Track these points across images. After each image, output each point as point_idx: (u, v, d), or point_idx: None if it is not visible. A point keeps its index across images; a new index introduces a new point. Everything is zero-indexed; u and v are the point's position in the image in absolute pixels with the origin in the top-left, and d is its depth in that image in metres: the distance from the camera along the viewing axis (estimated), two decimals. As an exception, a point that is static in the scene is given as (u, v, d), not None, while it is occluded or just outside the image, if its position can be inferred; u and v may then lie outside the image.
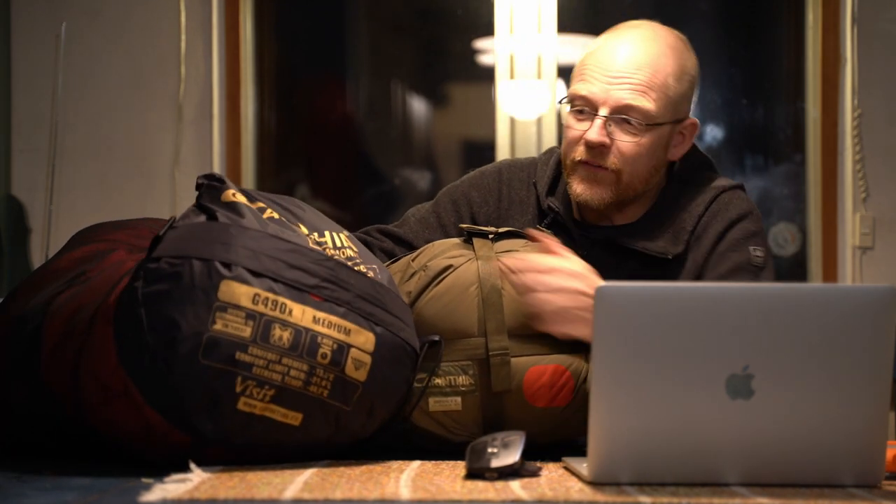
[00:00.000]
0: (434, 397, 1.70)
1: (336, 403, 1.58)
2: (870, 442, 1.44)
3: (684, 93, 1.96)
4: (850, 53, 3.93)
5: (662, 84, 1.92)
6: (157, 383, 1.51)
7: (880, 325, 1.41)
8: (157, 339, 1.50)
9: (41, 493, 1.38)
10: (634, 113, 1.91)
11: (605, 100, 1.91)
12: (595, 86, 1.92)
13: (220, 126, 4.01)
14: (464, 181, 2.11)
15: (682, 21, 4.22)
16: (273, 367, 1.53)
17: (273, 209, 1.66)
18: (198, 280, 1.52)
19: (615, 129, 1.92)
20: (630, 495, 1.37)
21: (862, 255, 3.94)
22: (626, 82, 1.91)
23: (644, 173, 1.95)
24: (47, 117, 3.86)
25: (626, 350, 1.41)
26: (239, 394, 1.52)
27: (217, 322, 1.51)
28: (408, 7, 4.38)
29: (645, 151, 1.93)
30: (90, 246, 1.77)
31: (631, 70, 1.92)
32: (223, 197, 1.63)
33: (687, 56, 1.98)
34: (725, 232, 1.94)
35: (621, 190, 1.94)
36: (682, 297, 1.42)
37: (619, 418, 1.42)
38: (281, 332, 1.54)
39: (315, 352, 1.55)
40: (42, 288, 1.70)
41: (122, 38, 4.01)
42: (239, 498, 1.32)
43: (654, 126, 1.92)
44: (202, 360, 1.50)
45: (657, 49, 1.94)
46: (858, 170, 3.93)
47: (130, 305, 1.52)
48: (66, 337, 1.59)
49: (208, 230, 1.57)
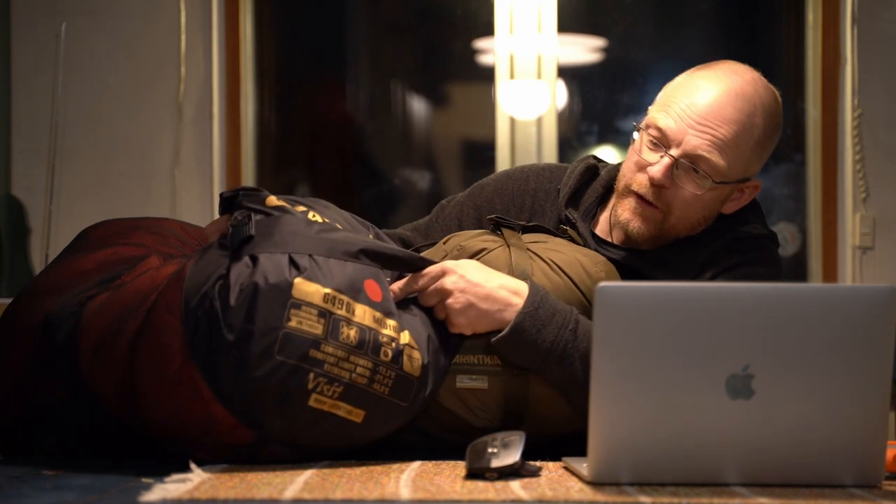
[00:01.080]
0: (461, 374, 1.71)
1: (395, 400, 1.62)
2: (870, 442, 1.44)
3: (761, 155, 1.90)
4: (850, 53, 3.92)
5: (743, 146, 1.85)
6: (230, 379, 1.53)
7: (880, 325, 1.41)
8: (233, 334, 1.52)
9: (41, 493, 1.38)
10: (704, 165, 1.84)
11: (680, 140, 1.85)
12: (675, 122, 1.85)
13: (220, 126, 4.01)
14: (490, 184, 2.09)
15: (683, 21, 4.22)
16: (342, 364, 1.56)
17: (314, 211, 1.71)
18: (272, 277, 1.55)
19: (680, 174, 1.86)
20: (630, 495, 1.37)
21: (862, 255, 3.94)
22: (708, 132, 1.84)
23: (693, 222, 1.91)
24: (47, 117, 3.86)
25: (626, 350, 1.41)
26: (311, 391, 1.55)
27: (292, 319, 1.54)
28: (408, 7, 4.38)
29: (701, 205, 1.88)
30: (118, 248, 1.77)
31: (716, 121, 1.84)
32: (267, 202, 1.67)
33: (776, 118, 1.90)
34: (731, 268, 1.88)
35: (665, 230, 1.91)
36: (682, 297, 1.42)
37: (619, 418, 1.42)
38: (348, 331, 1.57)
39: (378, 350, 1.59)
40: (66, 289, 1.70)
41: (122, 38, 4.01)
42: (239, 498, 1.32)
43: (720, 184, 1.86)
44: (277, 357, 1.53)
45: (749, 108, 1.85)
46: (858, 170, 3.93)
47: (205, 301, 1.54)
48: (110, 339, 1.59)
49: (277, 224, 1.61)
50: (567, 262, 1.78)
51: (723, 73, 1.88)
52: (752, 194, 1.94)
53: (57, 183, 3.83)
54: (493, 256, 1.78)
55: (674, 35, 4.27)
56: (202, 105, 4.00)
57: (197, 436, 1.54)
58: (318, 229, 1.64)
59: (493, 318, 1.69)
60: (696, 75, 1.89)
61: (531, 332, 1.68)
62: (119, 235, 1.81)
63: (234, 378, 1.53)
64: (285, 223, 1.62)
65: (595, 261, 1.82)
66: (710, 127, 1.84)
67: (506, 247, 1.80)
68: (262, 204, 1.66)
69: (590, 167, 2.04)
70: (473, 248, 1.80)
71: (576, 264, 1.78)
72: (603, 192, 2.03)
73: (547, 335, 1.68)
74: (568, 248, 1.83)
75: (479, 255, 1.79)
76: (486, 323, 1.70)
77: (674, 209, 1.88)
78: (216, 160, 3.99)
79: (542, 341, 1.68)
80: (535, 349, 1.68)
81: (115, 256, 1.75)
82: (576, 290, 1.75)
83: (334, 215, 1.76)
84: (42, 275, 1.79)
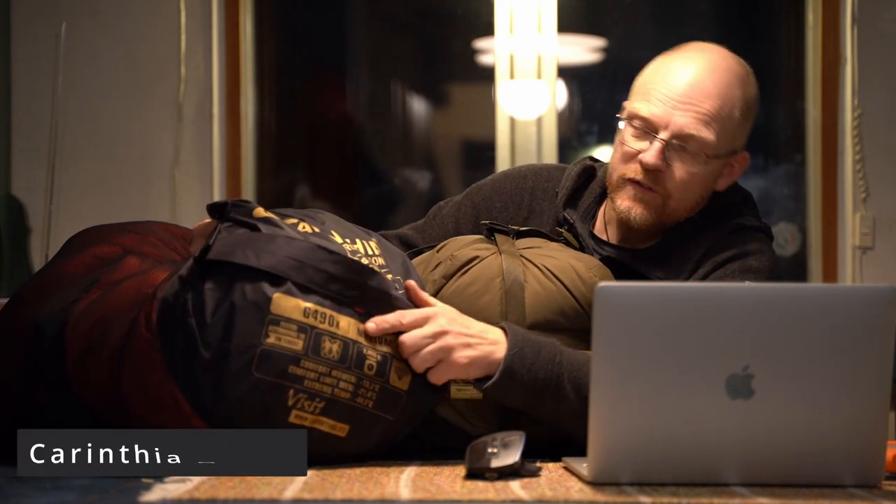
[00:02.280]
0: (456, 384, 1.69)
1: (381, 414, 1.59)
2: (870, 442, 1.44)
3: (744, 126, 1.92)
4: (850, 53, 3.92)
5: (727, 116, 1.88)
6: (208, 396, 1.51)
7: (880, 325, 1.41)
8: (210, 352, 1.51)
9: (41, 493, 1.38)
10: (694, 142, 1.87)
11: (666, 123, 1.87)
12: (658, 108, 1.87)
13: (220, 126, 4.01)
14: (488, 183, 2.09)
15: (682, 21, 4.22)
16: (324, 379, 1.54)
17: (305, 222, 1.66)
18: (249, 293, 1.52)
19: (672, 155, 1.88)
20: (630, 495, 1.37)
21: (862, 255, 3.94)
22: (692, 110, 1.86)
23: (691, 202, 1.93)
24: (47, 117, 3.86)
25: (626, 350, 1.41)
26: (290, 407, 1.53)
27: (270, 336, 1.52)
28: (408, 7, 4.38)
29: (697, 181, 1.90)
30: (98, 248, 1.77)
31: (698, 98, 1.86)
32: (255, 213, 1.63)
33: (752, 88, 1.93)
34: (724, 263, 1.89)
35: (666, 214, 1.92)
36: (682, 297, 1.42)
37: (619, 418, 1.42)
38: (331, 345, 1.55)
39: (362, 363, 1.57)
40: (53, 293, 1.69)
41: (122, 38, 4.01)
42: (239, 498, 1.32)
43: (711, 158, 1.89)
44: (255, 374, 1.51)
45: (727, 79, 1.88)
46: (858, 170, 3.93)
47: (180, 318, 1.52)
48: (96, 346, 1.58)
49: (254, 239, 1.57)
50: (560, 268, 1.77)
51: (693, 52, 1.92)
52: (742, 167, 1.96)
53: (57, 183, 3.83)
54: (486, 264, 1.77)
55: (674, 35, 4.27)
56: (202, 105, 4.00)
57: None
58: (309, 245, 1.58)
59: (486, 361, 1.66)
60: (668, 59, 1.93)
61: (522, 372, 1.65)
62: (101, 238, 1.81)
63: (213, 395, 1.51)
64: (266, 239, 1.58)
65: (590, 265, 1.81)
66: (694, 104, 1.86)
67: (498, 254, 1.78)
68: (249, 216, 1.62)
69: (587, 168, 2.05)
70: (465, 256, 1.79)
71: (569, 270, 1.78)
72: (601, 192, 2.03)
73: (538, 372, 1.65)
74: (562, 253, 1.83)
75: (472, 264, 1.77)
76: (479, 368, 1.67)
77: (672, 192, 1.90)
78: (216, 160, 3.99)
79: (535, 379, 1.65)
80: (530, 387, 1.65)
81: (95, 259, 1.74)
82: (569, 295, 1.75)
83: (332, 226, 1.71)
84: (31, 280, 1.79)
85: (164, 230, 1.85)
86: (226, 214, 1.63)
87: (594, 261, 1.84)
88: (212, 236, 1.57)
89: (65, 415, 1.62)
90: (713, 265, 1.89)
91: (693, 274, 1.90)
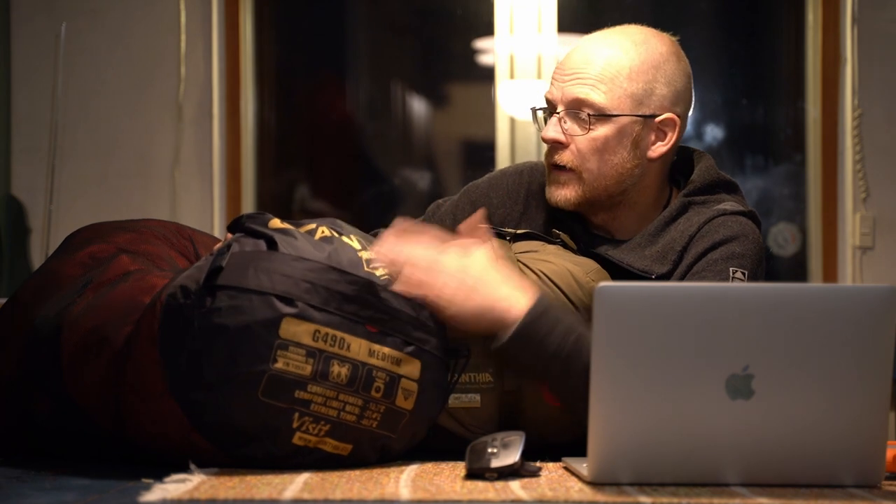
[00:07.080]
0: (455, 394, 1.68)
1: (384, 432, 1.58)
2: (870, 442, 1.44)
3: (650, 87, 1.90)
4: (850, 53, 3.92)
5: (614, 76, 1.89)
6: (211, 416, 1.50)
7: (880, 325, 1.41)
8: (215, 373, 1.49)
9: (41, 493, 1.38)
10: (584, 106, 1.88)
11: (560, 98, 1.91)
12: (554, 87, 1.93)
13: (220, 126, 4.01)
14: (485, 181, 2.09)
15: (682, 21, 4.22)
16: (330, 403, 1.52)
17: (324, 226, 1.64)
18: (259, 315, 1.49)
19: (570, 126, 1.90)
20: (630, 495, 1.37)
21: (862, 255, 3.94)
22: (576, 77, 1.90)
23: (609, 171, 1.90)
24: (47, 117, 3.86)
25: (626, 350, 1.41)
26: (295, 429, 1.52)
27: (278, 360, 1.49)
28: (408, 7, 4.38)
29: (601, 146, 1.89)
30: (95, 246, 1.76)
31: (581, 66, 1.90)
32: (271, 224, 1.60)
33: (656, 50, 1.93)
34: (706, 252, 1.86)
35: (586, 189, 1.91)
36: (682, 297, 1.42)
37: (619, 418, 1.42)
38: (339, 369, 1.52)
39: (370, 386, 1.54)
40: (50, 295, 1.68)
41: (122, 38, 4.01)
42: (239, 498, 1.32)
43: (605, 118, 1.88)
44: (262, 398, 1.49)
45: (615, 43, 1.92)
46: (858, 170, 3.93)
47: (184, 337, 1.50)
48: (91, 353, 1.57)
49: (266, 259, 1.54)
50: (557, 273, 1.77)
51: (595, 32, 1.97)
52: (676, 132, 1.93)
53: (57, 183, 3.83)
54: None
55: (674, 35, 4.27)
56: (202, 105, 4.00)
57: (181, 457, 1.52)
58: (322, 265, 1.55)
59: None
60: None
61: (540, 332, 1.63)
62: (98, 237, 1.80)
63: (215, 416, 1.50)
64: (280, 260, 1.54)
65: (587, 270, 1.80)
66: (577, 71, 1.90)
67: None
68: (265, 226, 1.59)
69: None
70: None
71: (566, 275, 1.77)
72: None
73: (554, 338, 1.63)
74: (559, 257, 1.82)
75: None
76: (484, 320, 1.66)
77: (582, 162, 1.90)
78: (216, 160, 3.99)
79: (550, 343, 1.63)
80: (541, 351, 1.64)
81: (91, 259, 1.73)
82: (566, 301, 1.74)
83: (350, 230, 1.69)
84: (29, 280, 1.78)
85: (163, 227, 1.84)
86: (240, 226, 1.61)
87: (592, 264, 1.83)
88: (224, 255, 1.54)
89: (61, 419, 1.62)
90: (696, 254, 1.87)
91: (679, 263, 1.88)
